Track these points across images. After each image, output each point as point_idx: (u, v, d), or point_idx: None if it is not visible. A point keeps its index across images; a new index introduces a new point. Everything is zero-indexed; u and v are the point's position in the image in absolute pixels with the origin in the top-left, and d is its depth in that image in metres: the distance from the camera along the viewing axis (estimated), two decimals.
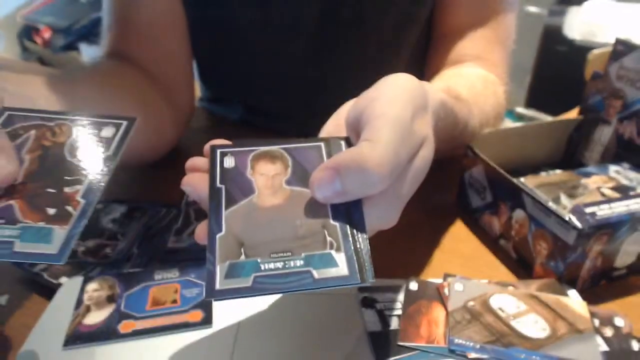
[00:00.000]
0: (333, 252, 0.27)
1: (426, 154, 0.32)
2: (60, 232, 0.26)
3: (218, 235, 0.28)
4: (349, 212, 0.29)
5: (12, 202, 0.27)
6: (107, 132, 0.30)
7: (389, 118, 0.30)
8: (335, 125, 0.36)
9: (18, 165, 0.28)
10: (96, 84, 0.51)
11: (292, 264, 0.26)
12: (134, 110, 0.53)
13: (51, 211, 0.27)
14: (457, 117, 0.43)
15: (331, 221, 0.29)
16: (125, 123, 0.31)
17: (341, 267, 0.26)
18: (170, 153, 0.62)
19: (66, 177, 0.28)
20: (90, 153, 0.29)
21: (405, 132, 0.30)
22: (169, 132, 0.60)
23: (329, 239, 0.28)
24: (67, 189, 0.27)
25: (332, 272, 0.26)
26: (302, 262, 0.27)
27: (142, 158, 0.58)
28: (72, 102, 0.44)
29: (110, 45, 0.58)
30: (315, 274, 0.26)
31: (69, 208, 0.27)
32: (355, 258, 0.27)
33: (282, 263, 0.26)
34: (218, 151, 0.32)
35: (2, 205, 0.27)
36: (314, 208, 0.29)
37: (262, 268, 0.26)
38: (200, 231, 0.29)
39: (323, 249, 0.27)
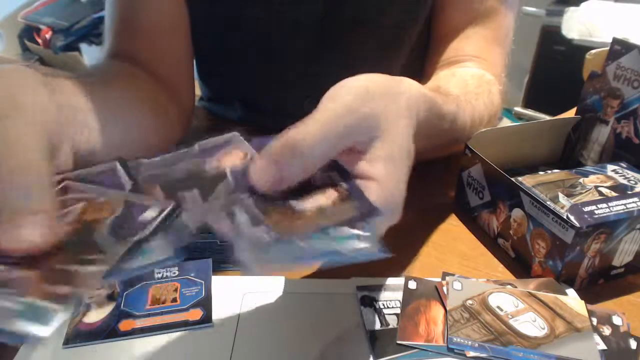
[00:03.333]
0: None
1: (397, 138, 0.33)
2: (57, 313, 0.24)
3: None
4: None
5: (29, 273, 0.25)
6: (150, 213, 0.28)
7: (333, 100, 0.31)
8: None
9: (48, 240, 0.25)
10: (116, 88, 0.50)
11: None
12: (147, 110, 0.53)
13: (62, 290, 0.24)
14: (442, 110, 0.43)
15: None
16: (168, 209, 0.29)
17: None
18: None
19: (86, 256, 0.26)
20: (123, 234, 0.27)
21: (345, 109, 0.31)
22: (177, 131, 0.60)
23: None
24: (83, 269, 0.25)
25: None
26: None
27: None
28: (99, 109, 0.40)
29: (112, 45, 0.58)
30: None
31: (76, 290, 0.25)
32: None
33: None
34: None
35: (18, 276, 0.25)
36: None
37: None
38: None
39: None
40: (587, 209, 0.41)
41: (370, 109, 0.32)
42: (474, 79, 0.56)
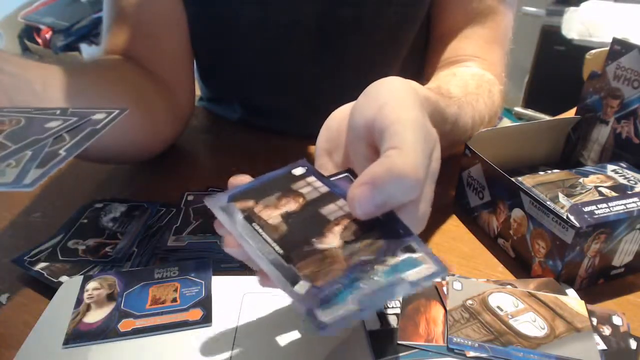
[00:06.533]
0: (411, 254, 0.28)
1: (438, 154, 0.33)
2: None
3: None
4: (390, 224, 0.29)
5: None
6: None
7: (407, 122, 0.30)
8: (327, 139, 0.37)
9: None
10: (93, 77, 0.52)
11: (378, 278, 0.26)
12: (128, 105, 0.54)
13: None
14: (445, 113, 0.43)
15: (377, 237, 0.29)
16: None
17: (427, 265, 0.27)
18: (170, 152, 0.62)
19: None
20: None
21: (424, 134, 0.30)
22: (165, 130, 0.60)
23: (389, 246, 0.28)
24: None
25: (422, 271, 0.27)
26: (387, 273, 0.27)
27: (135, 155, 0.58)
28: (67, 90, 0.45)
29: (110, 43, 0.59)
30: (408, 277, 0.26)
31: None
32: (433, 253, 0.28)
33: (369, 281, 0.26)
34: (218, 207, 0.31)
35: None
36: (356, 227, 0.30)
37: (357, 288, 0.26)
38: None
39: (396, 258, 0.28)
40: (587, 209, 0.41)
41: (432, 128, 0.33)
42: (474, 79, 0.56)
